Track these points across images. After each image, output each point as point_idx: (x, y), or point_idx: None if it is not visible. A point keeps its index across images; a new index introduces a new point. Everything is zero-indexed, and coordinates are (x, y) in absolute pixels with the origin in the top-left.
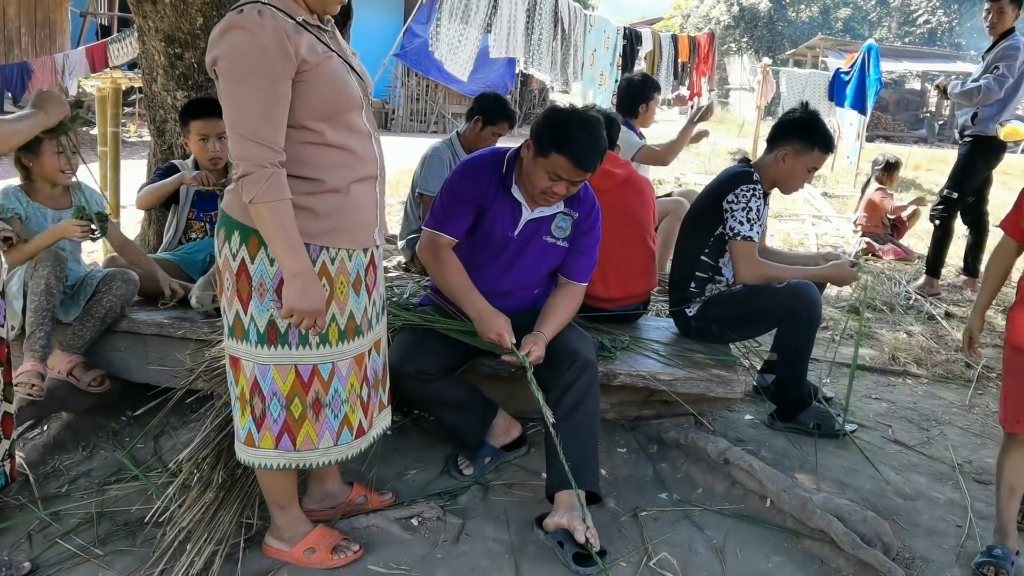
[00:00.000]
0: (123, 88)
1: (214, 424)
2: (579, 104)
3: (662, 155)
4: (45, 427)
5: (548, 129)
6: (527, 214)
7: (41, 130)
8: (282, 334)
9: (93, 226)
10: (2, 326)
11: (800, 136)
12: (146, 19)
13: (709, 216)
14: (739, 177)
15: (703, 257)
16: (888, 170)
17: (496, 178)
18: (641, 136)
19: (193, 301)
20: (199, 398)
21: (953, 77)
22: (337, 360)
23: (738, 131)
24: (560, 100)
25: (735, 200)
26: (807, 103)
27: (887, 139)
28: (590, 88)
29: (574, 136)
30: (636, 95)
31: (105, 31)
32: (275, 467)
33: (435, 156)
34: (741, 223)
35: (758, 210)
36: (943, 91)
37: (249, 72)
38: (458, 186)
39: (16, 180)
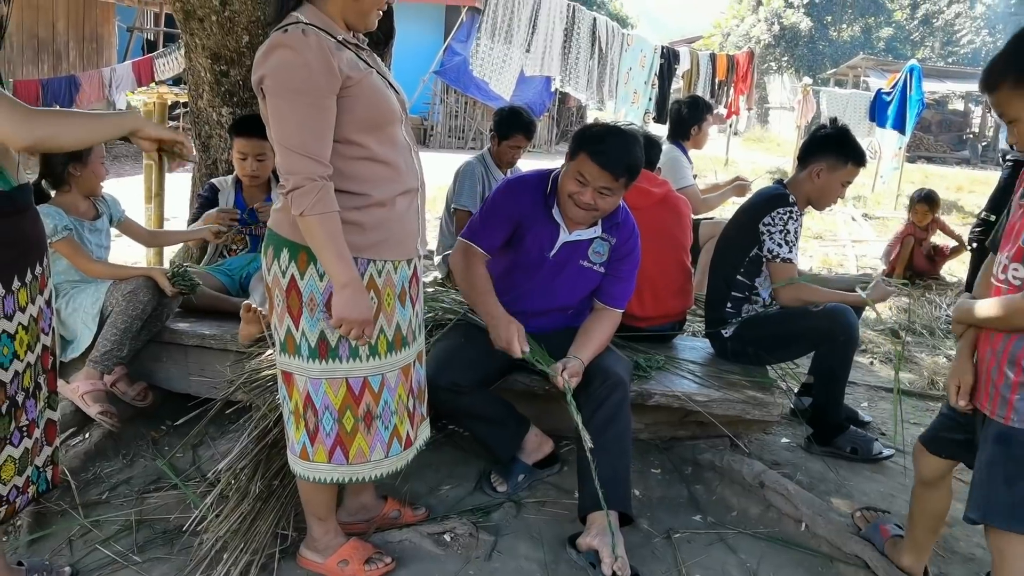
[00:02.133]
0: (169, 103)
1: (252, 435)
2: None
3: (697, 204)
4: (87, 435)
5: (581, 133)
6: (564, 236)
7: (117, 136)
8: (332, 348)
9: (185, 291)
10: (47, 334)
11: (833, 151)
12: (193, 36)
13: (744, 237)
14: (775, 199)
15: (739, 277)
16: (913, 204)
17: (539, 198)
18: (690, 160)
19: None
20: (237, 409)
21: None
22: (387, 372)
23: (777, 150)
24: (597, 117)
25: (772, 223)
26: (835, 119)
27: (929, 160)
28: (623, 106)
29: (604, 140)
30: (687, 118)
31: (151, 46)
32: (328, 481)
33: (467, 171)
34: (780, 244)
35: (795, 232)
36: None
37: (296, 89)
38: (500, 201)
39: None
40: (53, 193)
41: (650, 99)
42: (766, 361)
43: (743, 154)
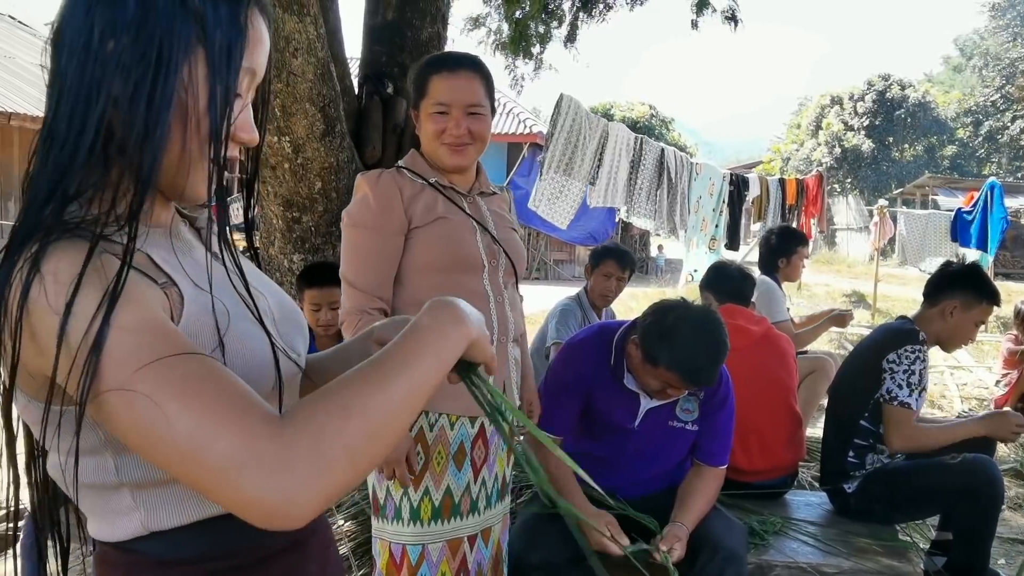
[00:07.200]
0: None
1: None
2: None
3: (792, 340)
4: None
5: (656, 339)
6: (646, 403)
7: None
8: (382, 505)
9: None
10: None
11: (967, 288)
12: (265, 184)
13: (867, 377)
14: (905, 336)
15: (862, 423)
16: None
17: (604, 368)
18: (784, 293)
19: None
20: None
21: None
22: (428, 543)
23: (848, 272)
24: (661, 244)
25: (897, 360)
26: (965, 257)
27: (1007, 276)
28: (693, 235)
29: (685, 350)
30: (775, 250)
31: None
32: None
33: (567, 309)
34: (900, 386)
35: (920, 374)
36: None
37: (355, 224)
38: (563, 376)
39: None
40: None
41: (717, 226)
42: (896, 520)
43: (814, 277)
